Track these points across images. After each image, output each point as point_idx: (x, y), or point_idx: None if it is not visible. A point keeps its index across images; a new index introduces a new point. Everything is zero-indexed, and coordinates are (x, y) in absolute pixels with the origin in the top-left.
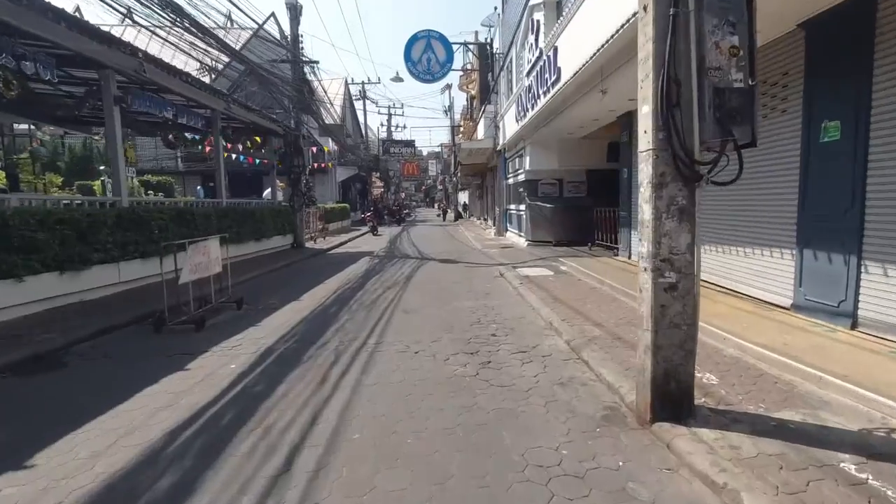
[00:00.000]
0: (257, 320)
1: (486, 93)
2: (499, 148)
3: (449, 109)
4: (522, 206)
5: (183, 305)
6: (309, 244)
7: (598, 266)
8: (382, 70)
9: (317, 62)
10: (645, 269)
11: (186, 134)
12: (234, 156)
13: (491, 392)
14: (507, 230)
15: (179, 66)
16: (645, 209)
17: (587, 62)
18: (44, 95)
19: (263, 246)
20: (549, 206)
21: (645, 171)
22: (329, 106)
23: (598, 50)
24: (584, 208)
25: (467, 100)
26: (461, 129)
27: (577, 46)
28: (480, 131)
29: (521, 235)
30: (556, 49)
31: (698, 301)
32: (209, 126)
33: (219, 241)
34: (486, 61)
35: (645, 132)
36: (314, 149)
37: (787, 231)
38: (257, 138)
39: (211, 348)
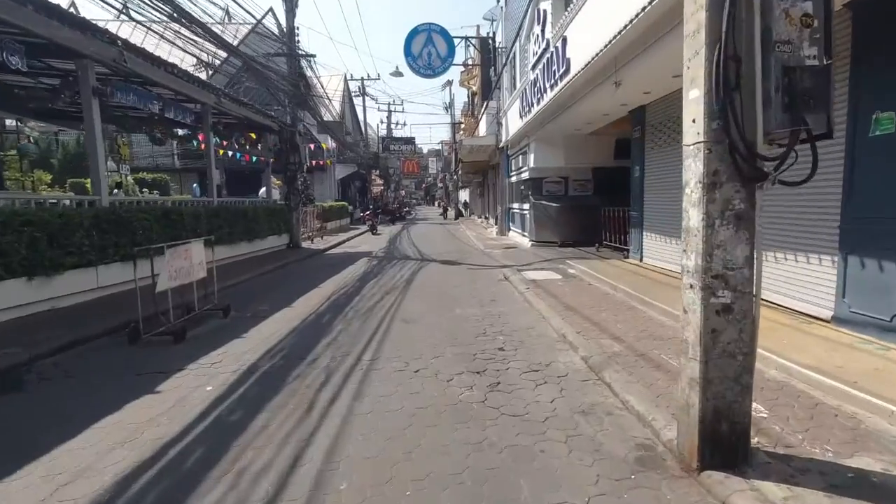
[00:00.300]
0: (244, 331)
1: (487, 89)
2: (501, 145)
3: (450, 106)
4: (526, 205)
5: (162, 314)
6: (306, 244)
7: (608, 269)
8: (382, 65)
9: (313, 56)
10: (691, 287)
11: (176, 130)
12: (230, 153)
13: (502, 423)
14: (509, 229)
15: (175, 62)
16: (692, 214)
17: (600, 52)
18: (21, 87)
19: (257, 246)
20: (553, 205)
21: (693, 168)
22: (328, 102)
23: (615, 37)
24: (590, 207)
25: (468, 96)
26: (462, 126)
27: (588, 35)
28: (482, 128)
29: (524, 235)
30: (564, 39)
31: (757, 326)
32: (199, 121)
33: (202, 243)
34: (488, 56)
35: (693, 121)
36: (311, 146)
37: (827, 235)
38: (252, 135)
39: (188, 365)
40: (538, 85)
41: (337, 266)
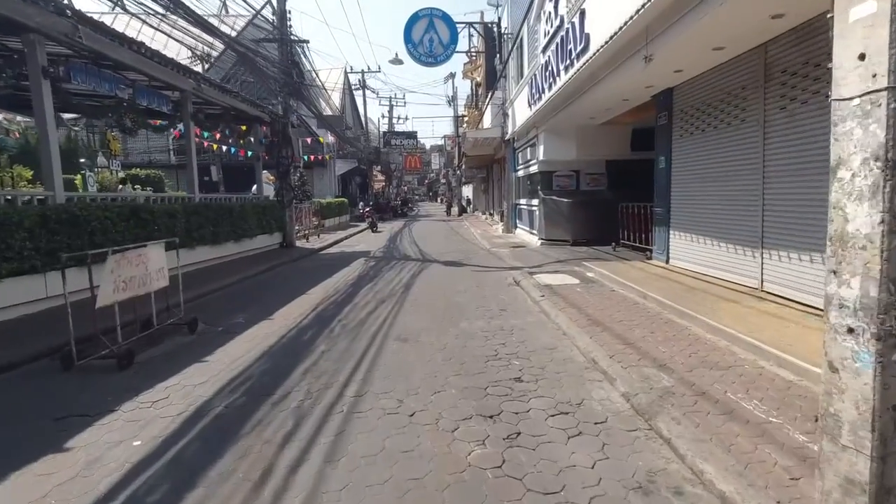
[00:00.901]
0: (208, 352)
1: (492, 78)
2: (507, 137)
3: (452, 100)
4: (535, 201)
5: (105, 334)
6: (300, 243)
7: (631, 272)
8: (381, 52)
9: (306, 41)
10: (851, 332)
11: (151, 120)
12: (224, 148)
13: None
14: (516, 227)
15: (171, 55)
16: (856, 213)
17: (630, 20)
18: None
19: (246, 247)
20: (565, 200)
21: (859, 136)
22: (327, 93)
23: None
24: (605, 203)
25: (472, 88)
26: (465, 119)
27: (613, 4)
28: (487, 120)
29: (532, 233)
30: (582, 13)
31: None
32: (178, 110)
33: (163, 247)
34: (493, 44)
35: (863, 56)
36: (308, 139)
37: None
38: (243, 127)
39: (122, 405)
40: (550, 68)
41: (330, 268)
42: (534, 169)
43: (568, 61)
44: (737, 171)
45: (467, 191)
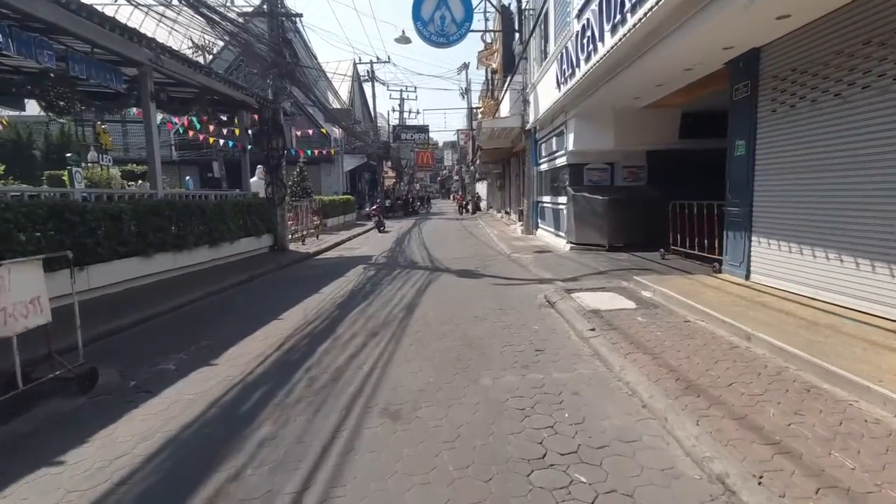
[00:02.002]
0: (83, 437)
1: (510, 64)
2: (528, 127)
3: (466, 92)
4: (561, 199)
5: None
6: (295, 246)
7: (704, 293)
8: (386, 30)
9: (299, 15)
10: None
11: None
12: (221, 141)
13: None
14: (537, 227)
15: (173, 45)
16: None
17: None
18: None
19: (224, 252)
20: (599, 198)
21: None
22: (332, 85)
23: None
24: (648, 201)
25: (487, 76)
26: (480, 110)
27: None
28: (505, 108)
29: (559, 235)
30: None
31: None
32: (135, 88)
33: (39, 265)
34: (511, 24)
35: None
36: (310, 131)
37: None
38: (224, 116)
39: None
40: (589, 34)
41: (321, 278)
42: (561, 161)
43: (618, 17)
44: (871, 157)
45: (481, 188)
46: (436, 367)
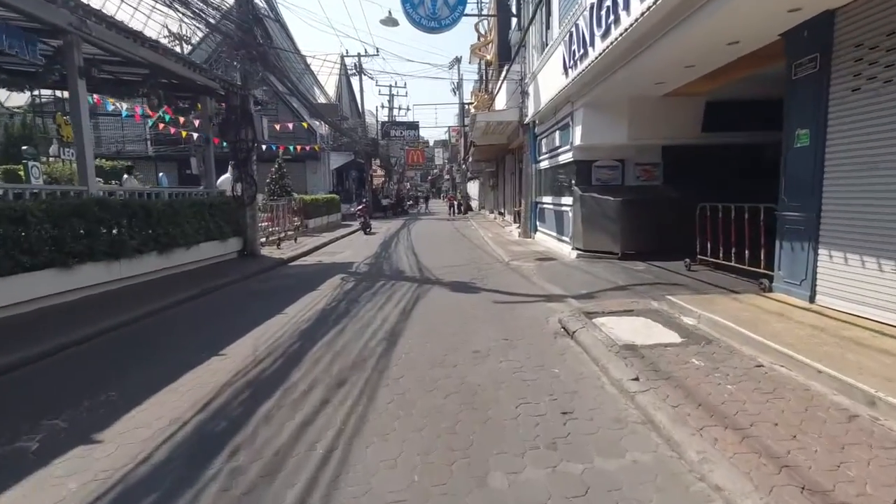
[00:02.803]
0: None
1: (506, 56)
2: (527, 121)
3: (458, 87)
4: (565, 200)
5: None
6: (269, 250)
7: (763, 319)
8: (371, 10)
9: None
10: None
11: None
12: (195, 135)
13: None
14: (536, 230)
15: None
16: None
17: None
18: None
19: (178, 259)
20: (612, 199)
21: None
22: (317, 76)
23: None
24: (666, 203)
25: (481, 69)
26: (473, 105)
27: None
28: (500, 101)
29: (562, 240)
30: None
31: None
32: (57, 62)
33: None
34: (507, 11)
35: None
36: (290, 125)
37: None
38: (184, 104)
39: None
40: (607, 5)
41: (290, 292)
42: (565, 158)
43: None
44: None
45: (472, 188)
46: (423, 449)
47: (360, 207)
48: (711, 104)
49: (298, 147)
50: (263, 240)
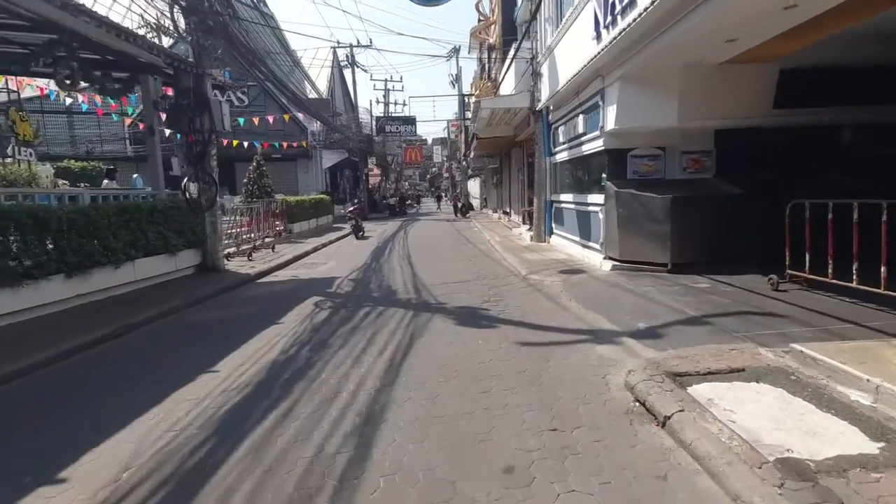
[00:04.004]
0: None
1: (509, 32)
2: (539, 107)
3: (457, 80)
4: (592, 197)
5: None
6: (238, 263)
7: None
8: None
9: None
10: None
11: None
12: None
13: None
14: (551, 234)
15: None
16: None
17: None
18: None
19: (102, 282)
20: (658, 196)
21: None
22: (311, 75)
23: None
24: (729, 201)
25: (482, 53)
26: (475, 95)
27: None
28: (508, 85)
29: (588, 247)
30: None
31: None
32: None
33: None
34: None
35: None
36: (270, 118)
37: None
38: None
39: None
40: None
41: (240, 328)
42: (592, 147)
43: None
44: None
45: (473, 186)
46: None
47: (351, 209)
48: (788, 73)
49: (285, 144)
50: (232, 250)
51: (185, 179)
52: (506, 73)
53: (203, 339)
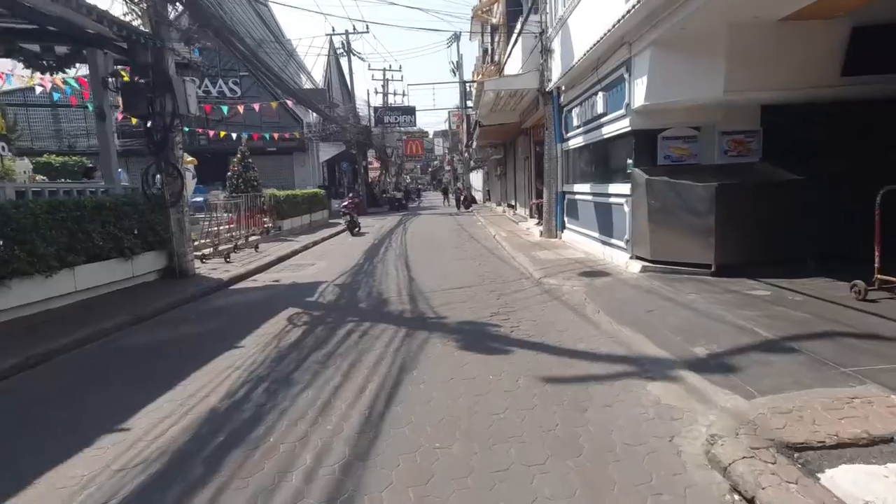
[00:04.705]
0: None
1: (515, 14)
2: (549, 88)
3: (458, 67)
4: (615, 187)
5: None
6: (212, 264)
7: None
8: None
9: None
10: None
11: None
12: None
13: None
14: (563, 229)
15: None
16: None
17: None
18: None
19: (33, 294)
20: (699, 184)
21: None
22: (306, 65)
23: None
24: (785, 189)
25: (485, 36)
26: (479, 79)
27: None
28: (514, 64)
29: (609, 244)
30: None
31: None
32: None
33: None
34: None
35: None
36: (256, 106)
37: None
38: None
39: None
40: None
41: (187, 355)
42: (615, 128)
43: None
44: None
45: (476, 179)
46: None
47: (345, 204)
48: (863, 31)
49: (276, 135)
50: (209, 251)
51: (144, 171)
52: (511, 50)
53: (132, 372)
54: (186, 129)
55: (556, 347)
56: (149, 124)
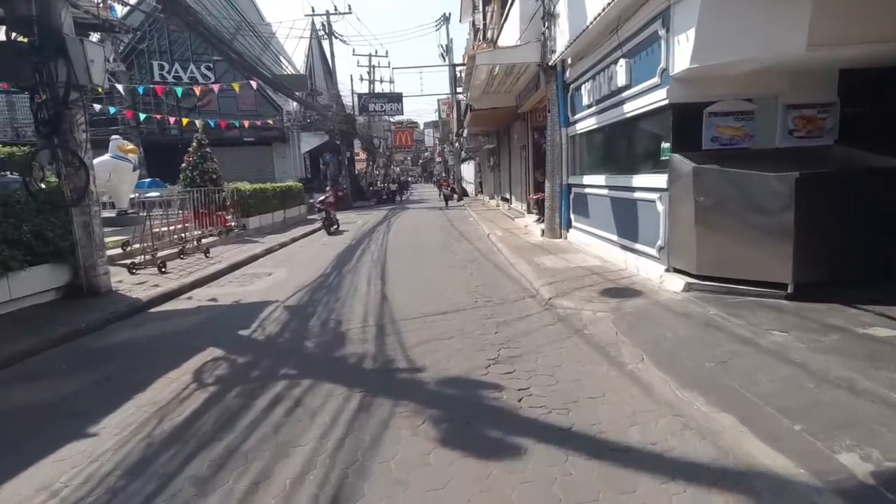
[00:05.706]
0: None
1: None
2: (552, 62)
3: (447, 51)
4: (640, 180)
5: None
6: (143, 276)
7: None
8: None
9: None
10: None
11: None
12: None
13: None
14: (569, 228)
15: None
16: None
17: None
18: None
19: None
20: (772, 176)
21: None
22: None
23: None
24: (885, 179)
25: (477, 10)
26: (469, 55)
27: None
28: (511, 34)
29: (633, 250)
30: None
31: None
32: None
33: None
34: None
35: None
36: (217, 87)
37: None
38: None
39: None
40: None
41: (15, 445)
42: (643, 104)
43: None
44: None
45: (467, 171)
46: None
47: (321, 199)
48: None
49: (246, 123)
50: (140, 258)
51: (27, 158)
52: (507, 15)
53: None
54: (143, 115)
55: (593, 440)
56: (36, 98)
